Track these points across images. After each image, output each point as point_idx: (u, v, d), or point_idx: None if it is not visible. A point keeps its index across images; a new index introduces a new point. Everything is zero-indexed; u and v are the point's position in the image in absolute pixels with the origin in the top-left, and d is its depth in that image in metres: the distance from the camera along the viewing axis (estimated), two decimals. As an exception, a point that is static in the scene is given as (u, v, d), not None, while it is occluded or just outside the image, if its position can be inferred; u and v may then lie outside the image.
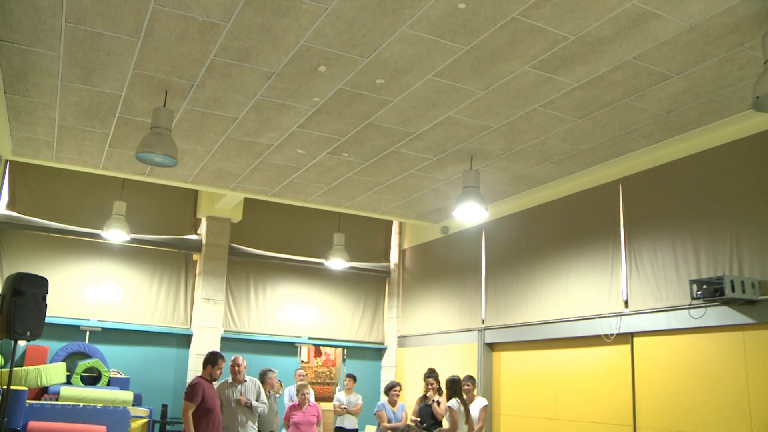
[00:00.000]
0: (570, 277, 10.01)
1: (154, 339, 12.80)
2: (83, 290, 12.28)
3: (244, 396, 8.14)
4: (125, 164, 10.21)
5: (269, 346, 13.69)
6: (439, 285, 13.41)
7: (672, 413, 8.20)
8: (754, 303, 7.30)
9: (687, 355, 8.15)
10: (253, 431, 8.19)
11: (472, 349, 11.87)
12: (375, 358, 14.90)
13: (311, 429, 9.30)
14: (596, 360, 9.45)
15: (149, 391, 12.18)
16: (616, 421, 8.93)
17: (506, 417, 11.13)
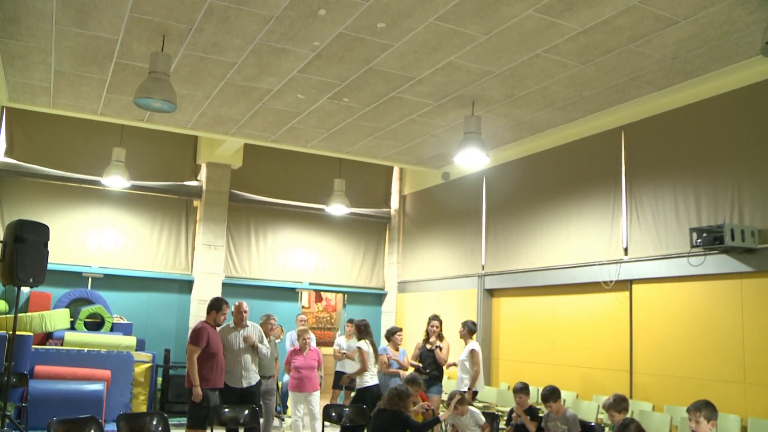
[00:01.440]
0: (570, 224, 10.02)
1: (156, 285, 12.89)
2: (84, 237, 12.32)
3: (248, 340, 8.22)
4: (124, 110, 10.10)
5: (270, 291, 13.80)
6: (439, 231, 13.44)
7: (668, 359, 8.31)
8: (753, 251, 7.32)
9: (685, 302, 8.22)
10: (255, 375, 8.29)
11: (472, 295, 11.96)
12: (375, 304, 15.04)
13: (312, 373, 9.41)
14: (595, 306, 9.54)
15: (152, 336, 12.32)
16: (613, 366, 9.06)
17: (505, 362, 11.29)
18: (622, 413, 6.22)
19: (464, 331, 9.34)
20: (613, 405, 6.27)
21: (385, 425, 6.45)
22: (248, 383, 8.16)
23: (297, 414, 9.43)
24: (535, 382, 9.61)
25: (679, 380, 8.12)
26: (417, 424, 6.60)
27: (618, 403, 6.27)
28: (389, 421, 6.45)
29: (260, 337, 8.43)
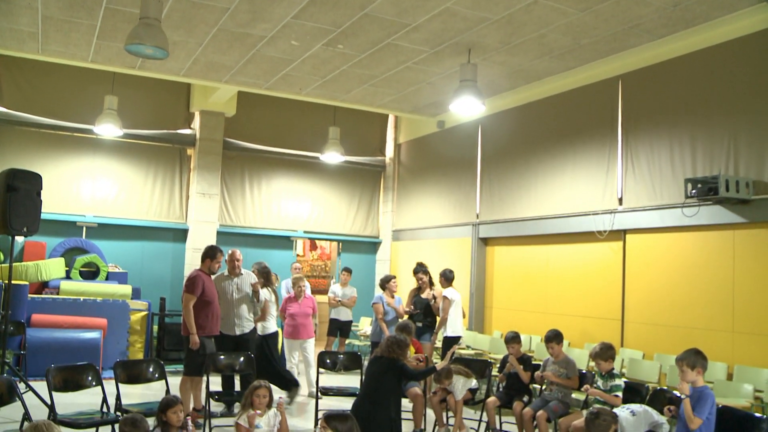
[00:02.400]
0: (565, 174, 10.00)
1: (151, 234, 12.91)
2: (78, 186, 12.26)
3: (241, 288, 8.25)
4: (115, 57, 9.93)
5: (265, 239, 13.84)
6: (434, 179, 13.42)
7: (659, 308, 8.41)
8: (747, 203, 7.34)
9: (677, 252, 8.27)
10: (249, 323, 8.35)
11: (466, 244, 12.02)
12: (370, 252, 15.11)
13: (307, 320, 9.51)
14: (588, 256, 9.59)
15: (147, 284, 12.38)
16: (605, 315, 9.17)
17: (498, 311, 11.41)
18: (609, 361, 6.31)
19: (442, 281, 9.36)
20: (600, 354, 6.36)
21: (381, 373, 6.53)
22: (242, 331, 8.22)
23: (292, 361, 9.56)
24: (528, 331, 9.75)
25: (669, 329, 8.23)
26: (414, 372, 6.68)
27: (604, 352, 6.35)
28: (386, 369, 6.52)
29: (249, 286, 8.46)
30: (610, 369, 6.32)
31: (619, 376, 6.33)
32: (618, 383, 6.26)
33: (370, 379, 6.62)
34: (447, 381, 7.16)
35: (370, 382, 6.60)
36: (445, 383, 7.17)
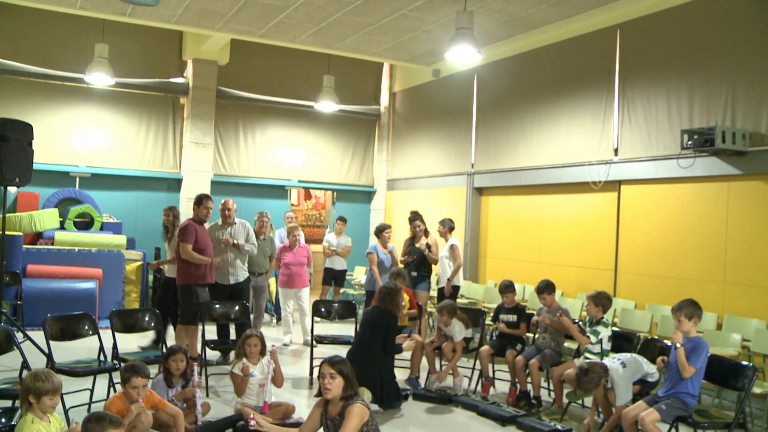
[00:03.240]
0: (561, 124, 9.94)
1: (144, 184, 12.86)
2: (70, 136, 12.15)
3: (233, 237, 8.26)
4: (104, 4, 9.72)
5: (259, 189, 13.82)
6: (429, 129, 13.34)
7: (652, 259, 8.46)
8: (742, 154, 7.32)
9: (671, 204, 8.28)
10: (243, 271, 8.38)
11: (461, 193, 12.02)
12: (364, 201, 15.11)
13: (301, 269, 9.55)
14: (583, 206, 9.61)
15: (142, 234, 12.39)
16: (598, 265, 9.23)
17: (492, 260, 11.47)
18: (598, 308, 6.38)
19: (443, 229, 9.34)
20: (593, 297, 6.44)
21: (374, 322, 6.61)
22: (236, 280, 8.26)
23: (287, 309, 9.64)
24: (522, 280, 9.83)
25: (661, 280, 8.30)
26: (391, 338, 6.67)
27: (597, 297, 6.42)
28: (379, 319, 6.60)
29: (248, 234, 8.46)
30: (599, 318, 6.38)
31: (605, 325, 6.37)
32: (597, 329, 6.31)
33: (364, 329, 6.70)
34: (449, 317, 7.24)
35: (365, 331, 6.69)
36: (446, 318, 7.24)
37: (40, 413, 4.06)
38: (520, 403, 6.80)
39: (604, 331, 6.32)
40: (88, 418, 3.67)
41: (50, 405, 4.09)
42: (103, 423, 3.65)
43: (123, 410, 4.67)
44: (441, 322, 7.34)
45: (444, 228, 9.29)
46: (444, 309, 7.31)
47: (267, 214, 9.30)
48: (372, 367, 6.42)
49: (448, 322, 7.31)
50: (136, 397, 4.72)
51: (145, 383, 4.80)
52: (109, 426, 3.67)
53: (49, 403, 4.07)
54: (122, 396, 4.83)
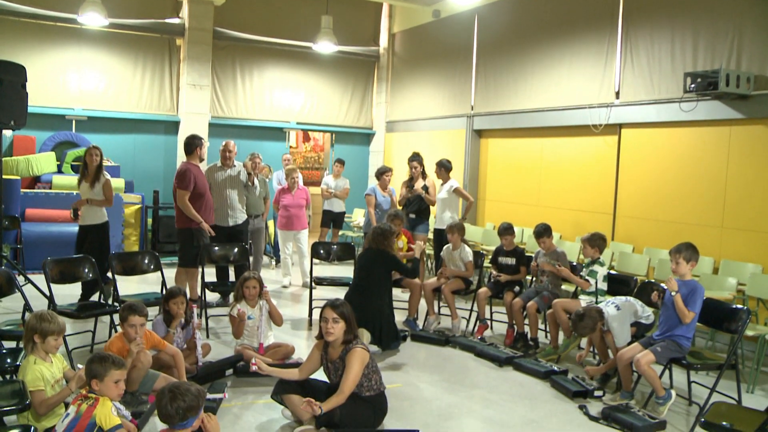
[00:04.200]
0: (562, 66, 9.80)
1: (142, 127, 12.75)
2: (65, 78, 11.98)
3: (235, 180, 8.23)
4: (94, -61, 9.46)
5: (257, 131, 13.72)
6: (428, 70, 13.16)
7: (651, 203, 8.46)
8: (746, 98, 7.22)
9: (672, 148, 8.23)
10: (242, 214, 8.38)
11: (460, 136, 11.94)
12: (363, 143, 15.03)
13: (300, 212, 9.55)
14: (583, 150, 9.55)
15: (140, 178, 12.36)
16: (597, 209, 9.23)
17: (491, 202, 11.48)
18: (595, 249, 6.47)
19: (441, 171, 9.27)
20: (588, 239, 6.51)
21: (371, 264, 6.64)
22: (234, 222, 8.27)
23: (286, 252, 9.68)
24: (521, 223, 9.83)
25: (659, 224, 8.31)
26: (403, 265, 6.79)
27: (592, 238, 6.50)
28: (374, 260, 6.63)
29: (244, 177, 8.44)
30: (596, 258, 6.44)
31: (601, 264, 6.45)
32: (595, 269, 6.40)
33: (361, 271, 6.75)
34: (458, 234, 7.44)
35: (361, 273, 6.73)
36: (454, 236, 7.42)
37: (42, 354, 4.12)
38: (518, 344, 6.90)
39: (601, 270, 6.39)
40: (92, 359, 3.72)
41: (54, 346, 4.15)
42: (106, 364, 3.70)
43: (123, 350, 4.74)
44: (451, 242, 7.41)
45: (441, 169, 9.23)
46: (454, 228, 7.41)
47: (259, 155, 9.26)
48: (370, 309, 6.49)
49: (458, 245, 7.38)
50: (134, 335, 4.78)
51: (143, 322, 4.86)
52: (112, 367, 3.73)
53: (53, 343, 4.13)
54: (122, 336, 4.89)
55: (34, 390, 3.92)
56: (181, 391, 3.17)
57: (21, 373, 4.03)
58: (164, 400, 3.16)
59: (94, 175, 7.47)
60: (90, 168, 7.49)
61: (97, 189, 7.46)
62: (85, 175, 7.51)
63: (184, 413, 3.15)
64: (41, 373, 4.01)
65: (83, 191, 7.51)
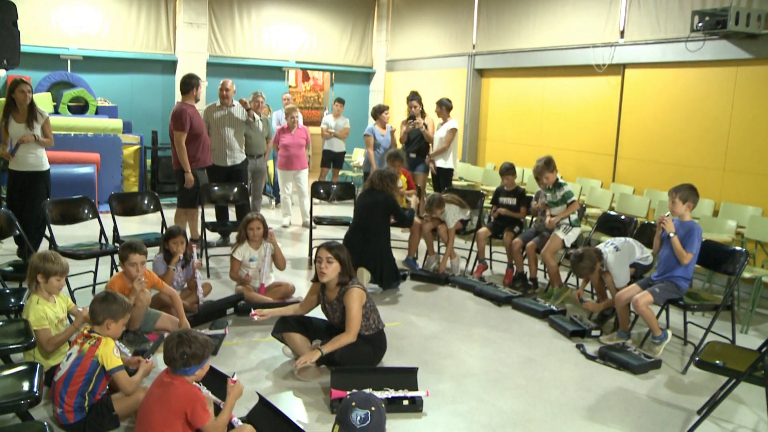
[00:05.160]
0: (566, 4, 9.59)
1: (139, 66, 12.56)
2: (58, 16, 11.71)
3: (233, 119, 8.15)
4: None
5: (256, 70, 13.53)
6: (430, 8, 12.91)
7: (653, 145, 8.40)
8: (754, 37, 7.07)
9: (677, 89, 8.12)
10: (240, 154, 8.32)
11: (461, 75, 11.79)
12: (363, 83, 14.85)
13: (300, 151, 9.50)
14: (585, 90, 9.44)
15: (138, 118, 12.24)
16: (598, 150, 9.18)
17: (492, 143, 11.41)
18: (553, 172, 6.53)
19: (441, 110, 9.17)
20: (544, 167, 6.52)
21: (372, 204, 6.64)
22: (233, 162, 8.23)
23: (286, 191, 9.67)
24: (521, 164, 9.80)
25: (661, 166, 8.27)
26: (401, 212, 6.76)
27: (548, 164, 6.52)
28: (376, 200, 6.63)
29: (243, 115, 8.36)
30: (555, 180, 6.51)
31: (564, 183, 6.51)
32: (568, 190, 6.48)
33: (362, 211, 6.75)
34: (439, 210, 7.28)
35: (362, 213, 6.74)
36: (436, 213, 7.29)
37: (46, 294, 4.15)
38: (516, 284, 6.95)
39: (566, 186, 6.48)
40: (105, 299, 3.73)
41: (57, 286, 4.18)
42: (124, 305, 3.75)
43: (124, 288, 4.78)
44: (435, 216, 7.36)
45: (441, 108, 9.13)
46: (431, 206, 7.31)
47: (262, 93, 9.17)
48: (370, 249, 6.53)
49: (441, 213, 7.34)
50: (136, 273, 4.81)
51: (143, 260, 4.88)
52: (127, 309, 3.79)
53: (56, 284, 4.16)
54: (122, 275, 4.92)
55: (39, 329, 3.97)
56: (189, 338, 3.21)
57: (25, 312, 4.08)
58: (171, 343, 3.19)
59: (29, 114, 6.68)
60: (22, 106, 6.65)
61: (37, 130, 6.72)
62: (15, 114, 6.65)
63: (187, 359, 3.19)
64: (44, 312, 4.05)
65: (16, 132, 6.65)
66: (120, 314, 3.72)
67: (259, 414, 3.68)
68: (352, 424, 2.41)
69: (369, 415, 2.43)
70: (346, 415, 2.44)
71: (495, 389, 4.48)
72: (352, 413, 2.43)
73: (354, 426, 2.41)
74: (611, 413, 4.19)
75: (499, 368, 4.87)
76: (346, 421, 2.42)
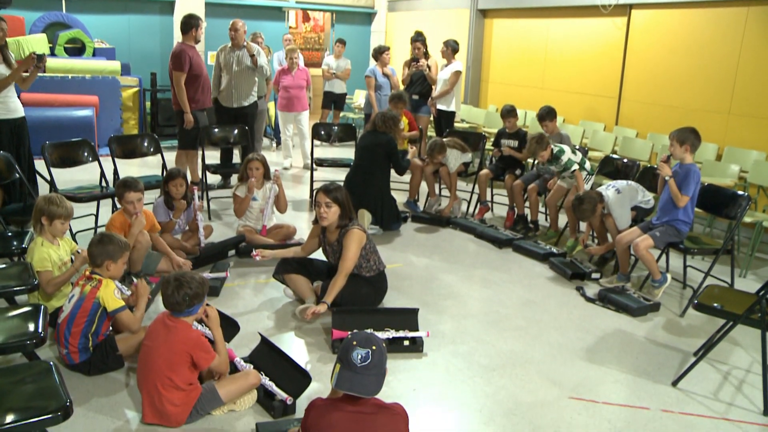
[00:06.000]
0: (573, -60, 9.36)
1: (135, 7, 12.29)
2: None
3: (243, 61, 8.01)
4: None
5: (255, 10, 13.28)
6: (432, -55, 12.61)
7: (658, 87, 8.29)
8: (766, -24, 6.91)
9: (684, 31, 7.95)
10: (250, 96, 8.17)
11: (464, 15, 11.57)
12: (364, 23, 14.60)
13: (300, 92, 9.41)
14: (590, 31, 9.27)
15: (136, 60, 12.05)
16: (602, 92, 9.06)
17: (494, 85, 11.27)
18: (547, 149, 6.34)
19: (447, 51, 9.01)
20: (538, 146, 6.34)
21: (374, 146, 6.62)
22: (239, 104, 8.12)
23: (286, 133, 9.61)
24: (524, 106, 9.71)
25: (665, 109, 8.18)
26: (397, 158, 6.72)
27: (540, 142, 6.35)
28: (378, 142, 6.61)
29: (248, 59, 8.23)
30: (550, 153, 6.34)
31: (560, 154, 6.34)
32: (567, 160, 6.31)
33: (363, 152, 6.74)
34: (440, 156, 7.25)
35: (363, 154, 6.72)
36: (438, 158, 7.26)
37: (50, 237, 4.16)
38: (517, 227, 6.97)
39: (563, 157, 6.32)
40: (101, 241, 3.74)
41: (61, 230, 4.19)
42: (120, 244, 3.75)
43: (125, 224, 4.81)
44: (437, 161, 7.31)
45: (447, 49, 9.00)
46: (433, 151, 7.25)
47: (261, 34, 9.03)
48: (371, 190, 6.54)
49: (443, 158, 7.29)
50: (134, 211, 4.82)
51: (140, 197, 4.89)
52: (124, 248, 3.80)
53: (60, 227, 4.17)
54: (123, 212, 4.94)
55: (42, 270, 3.99)
56: (186, 279, 3.22)
57: (29, 255, 4.09)
58: (170, 288, 3.21)
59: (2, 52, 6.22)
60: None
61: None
62: None
63: (190, 300, 3.22)
64: (48, 254, 4.06)
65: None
66: (118, 254, 3.73)
67: (262, 354, 3.73)
68: (353, 363, 2.44)
69: (370, 354, 2.46)
70: (347, 354, 2.46)
71: (495, 330, 4.54)
72: (353, 352, 2.45)
73: (355, 365, 2.44)
74: (609, 354, 4.25)
75: (499, 309, 4.91)
76: (347, 360, 2.45)
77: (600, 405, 3.61)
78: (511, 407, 3.55)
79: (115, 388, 3.55)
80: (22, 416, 2.41)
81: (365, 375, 2.44)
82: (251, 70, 8.07)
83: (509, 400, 3.62)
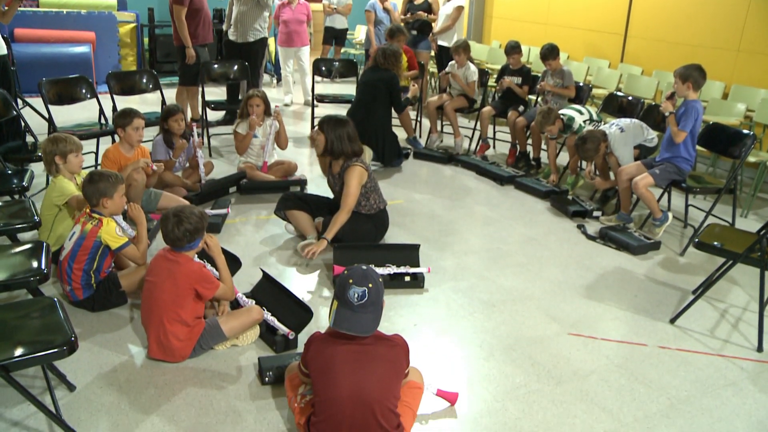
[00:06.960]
0: None
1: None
2: None
3: None
4: None
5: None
6: None
7: (665, 24, 8.11)
8: None
9: (694, -40, 7.75)
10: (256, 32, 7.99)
11: (468, -52, 11.26)
12: (366, -45, 14.21)
13: (300, 27, 9.25)
14: (597, -37, 9.04)
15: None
16: (607, 29, 8.88)
17: (498, 20, 11.05)
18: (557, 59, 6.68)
19: None
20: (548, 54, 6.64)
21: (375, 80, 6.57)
22: (244, 39, 7.97)
23: (287, 69, 9.48)
24: (528, 42, 9.55)
25: (672, 46, 8.02)
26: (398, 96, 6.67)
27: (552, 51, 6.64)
28: (380, 77, 6.55)
29: None
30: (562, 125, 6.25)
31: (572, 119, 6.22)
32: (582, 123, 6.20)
33: (365, 88, 6.69)
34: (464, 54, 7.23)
35: (365, 90, 6.68)
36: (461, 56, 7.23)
37: (68, 174, 4.12)
38: (519, 164, 6.95)
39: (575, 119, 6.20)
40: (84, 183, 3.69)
41: (76, 163, 4.15)
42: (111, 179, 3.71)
43: (120, 158, 4.80)
44: (457, 62, 7.26)
45: None
46: (459, 48, 7.20)
47: None
48: (372, 126, 6.51)
49: (464, 63, 7.22)
50: (138, 138, 4.83)
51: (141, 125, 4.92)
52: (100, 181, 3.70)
53: (75, 161, 4.13)
54: (118, 146, 4.92)
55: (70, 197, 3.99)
56: (186, 215, 3.21)
57: (50, 192, 4.05)
58: (170, 224, 3.20)
59: None
60: None
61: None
62: None
63: (191, 235, 3.22)
64: (68, 185, 4.05)
65: None
66: (111, 189, 3.66)
67: (263, 290, 3.77)
68: (350, 301, 2.47)
69: (366, 292, 2.48)
70: (344, 291, 2.49)
71: (496, 266, 4.56)
72: (349, 290, 2.48)
73: (352, 303, 2.47)
74: (608, 291, 4.28)
75: (500, 246, 4.93)
76: (344, 298, 2.48)
77: (599, 341, 3.66)
78: (510, 343, 3.59)
79: (119, 324, 3.59)
80: (29, 350, 2.45)
81: (362, 313, 2.48)
82: (256, 5, 7.90)
83: (509, 336, 3.67)
